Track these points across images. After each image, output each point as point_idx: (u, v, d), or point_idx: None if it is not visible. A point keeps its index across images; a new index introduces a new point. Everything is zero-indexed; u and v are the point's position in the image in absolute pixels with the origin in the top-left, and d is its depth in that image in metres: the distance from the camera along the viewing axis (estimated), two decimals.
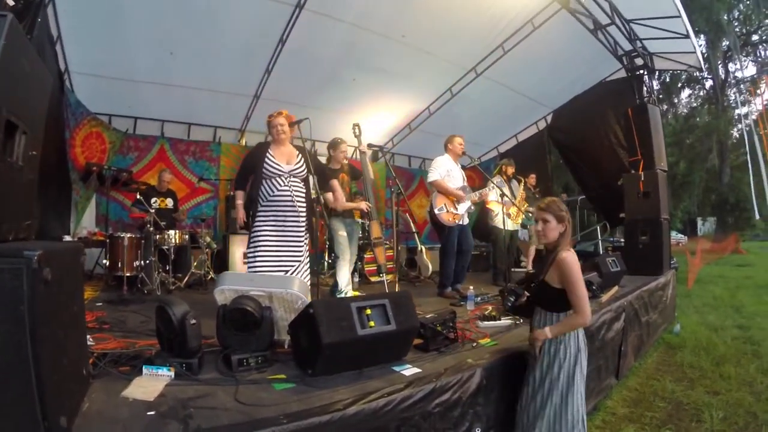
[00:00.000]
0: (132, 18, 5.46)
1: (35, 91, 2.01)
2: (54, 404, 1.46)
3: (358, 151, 5.38)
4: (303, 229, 3.94)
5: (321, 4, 5.79)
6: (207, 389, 2.10)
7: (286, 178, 3.85)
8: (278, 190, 3.82)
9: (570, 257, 2.43)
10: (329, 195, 4.66)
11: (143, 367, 2.22)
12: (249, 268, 3.78)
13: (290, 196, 3.82)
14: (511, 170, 7.12)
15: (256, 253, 3.77)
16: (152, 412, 1.81)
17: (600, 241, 10.72)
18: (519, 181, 7.30)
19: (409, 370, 2.44)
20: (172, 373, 2.20)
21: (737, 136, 25.84)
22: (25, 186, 1.93)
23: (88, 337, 2.52)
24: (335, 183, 4.60)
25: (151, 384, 2.09)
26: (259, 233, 3.81)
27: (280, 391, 2.11)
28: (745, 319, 6.66)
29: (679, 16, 6.25)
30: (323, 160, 5.12)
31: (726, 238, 21.95)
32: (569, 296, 2.39)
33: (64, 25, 5.38)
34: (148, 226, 5.52)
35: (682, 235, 29.19)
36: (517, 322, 3.76)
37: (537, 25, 6.98)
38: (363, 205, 5.02)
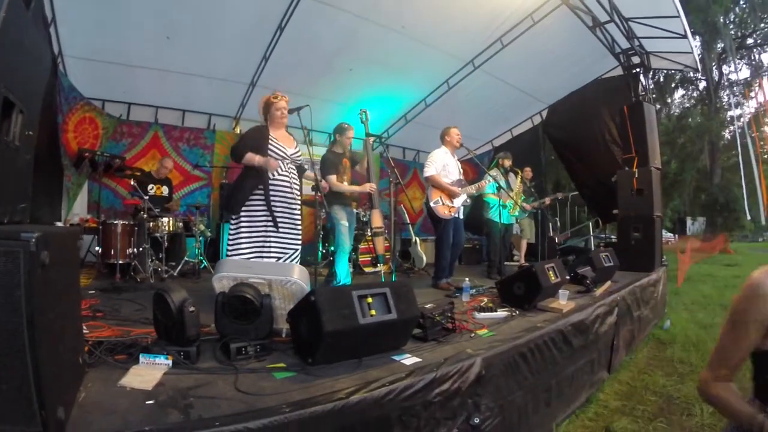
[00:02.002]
0: (128, 2, 5.40)
1: (33, 69, 1.96)
2: (51, 395, 1.41)
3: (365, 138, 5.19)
4: (299, 216, 3.93)
5: None
6: (206, 378, 2.07)
7: (287, 163, 3.83)
8: (279, 175, 3.80)
9: None
10: (332, 177, 4.68)
11: (140, 355, 2.18)
12: (238, 251, 3.72)
13: (289, 181, 3.81)
14: (508, 163, 7.15)
15: (249, 238, 3.74)
16: (151, 402, 1.78)
17: (592, 237, 10.78)
18: (516, 174, 7.31)
19: (409, 360, 2.44)
20: (170, 362, 2.16)
21: (729, 137, 26.11)
22: (21, 167, 1.87)
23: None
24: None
25: (148, 373, 2.05)
26: (255, 218, 3.76)
27: (280, 379, 2.09)
28: None
29: (678, 16, 6.32)
30: (320, 149, 5.07)
31: (715, 237, 22.19)
32: None
33: (59, 7, 5.33)
34: (142, 213, 5.47)
35: (671, 234, 29.52)
36: (513, 313, 3.79)
37: (536, 20, 7.02)
38: (368, 187, 4.94)
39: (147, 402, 1.77)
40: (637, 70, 7.95)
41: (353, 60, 7.23)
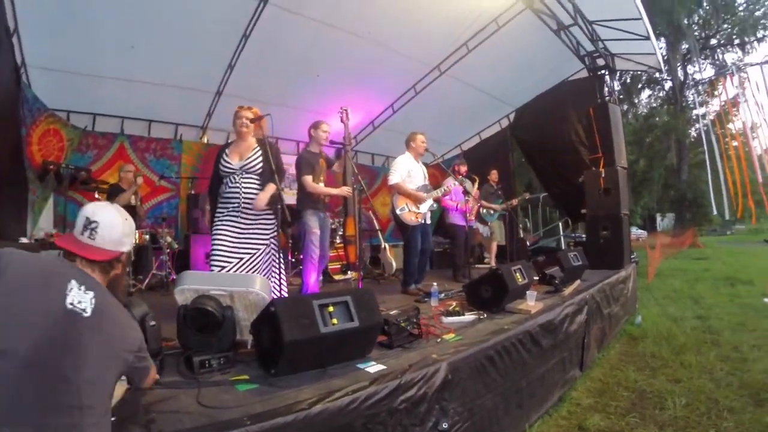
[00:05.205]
0: (92, 10, 5.33)
1: None
2: None
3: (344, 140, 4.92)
4: (256, 224, 3.85)
5: None
6: (169, 393, 2.05)
7: (237, 176, 3.78)
8: (228, 188, 3.79)
9: None
10: (308, 178, 4.61)
11: None
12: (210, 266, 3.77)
13: (238, 194, 3.76)
14: (464, 169, 7.15)
15: (213, 252, 3.74)
16: (113, 418, 1.76)
17: (562, 237, 10.95)
18: (473, 181, 7.29)
19: (373, 367, 2.43)
20: None
21: (695, 135, 26.71)
22: None
23: None
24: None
25: None
26: (214, 233, 3.78)
27: (243, 392, 2.09)
28: (703, 310, 6.92)
29: (641, 19, 6.50)
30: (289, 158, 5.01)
31: (684, 232, 22.68)
32: None
33: (22, 17, 5.22)
34: None
35: (642, 231, 30.17)
36: (481, 317, 3.76)
37: (501, 24, 7.11)
38: (345, 190, 4.83)
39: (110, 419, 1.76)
40: (603, 72, 8.13)
41: (319, 66, 7.22)
